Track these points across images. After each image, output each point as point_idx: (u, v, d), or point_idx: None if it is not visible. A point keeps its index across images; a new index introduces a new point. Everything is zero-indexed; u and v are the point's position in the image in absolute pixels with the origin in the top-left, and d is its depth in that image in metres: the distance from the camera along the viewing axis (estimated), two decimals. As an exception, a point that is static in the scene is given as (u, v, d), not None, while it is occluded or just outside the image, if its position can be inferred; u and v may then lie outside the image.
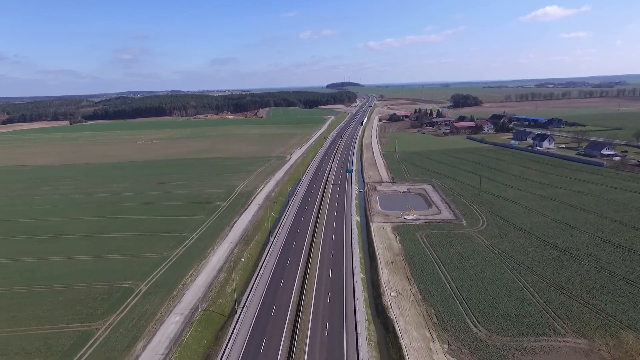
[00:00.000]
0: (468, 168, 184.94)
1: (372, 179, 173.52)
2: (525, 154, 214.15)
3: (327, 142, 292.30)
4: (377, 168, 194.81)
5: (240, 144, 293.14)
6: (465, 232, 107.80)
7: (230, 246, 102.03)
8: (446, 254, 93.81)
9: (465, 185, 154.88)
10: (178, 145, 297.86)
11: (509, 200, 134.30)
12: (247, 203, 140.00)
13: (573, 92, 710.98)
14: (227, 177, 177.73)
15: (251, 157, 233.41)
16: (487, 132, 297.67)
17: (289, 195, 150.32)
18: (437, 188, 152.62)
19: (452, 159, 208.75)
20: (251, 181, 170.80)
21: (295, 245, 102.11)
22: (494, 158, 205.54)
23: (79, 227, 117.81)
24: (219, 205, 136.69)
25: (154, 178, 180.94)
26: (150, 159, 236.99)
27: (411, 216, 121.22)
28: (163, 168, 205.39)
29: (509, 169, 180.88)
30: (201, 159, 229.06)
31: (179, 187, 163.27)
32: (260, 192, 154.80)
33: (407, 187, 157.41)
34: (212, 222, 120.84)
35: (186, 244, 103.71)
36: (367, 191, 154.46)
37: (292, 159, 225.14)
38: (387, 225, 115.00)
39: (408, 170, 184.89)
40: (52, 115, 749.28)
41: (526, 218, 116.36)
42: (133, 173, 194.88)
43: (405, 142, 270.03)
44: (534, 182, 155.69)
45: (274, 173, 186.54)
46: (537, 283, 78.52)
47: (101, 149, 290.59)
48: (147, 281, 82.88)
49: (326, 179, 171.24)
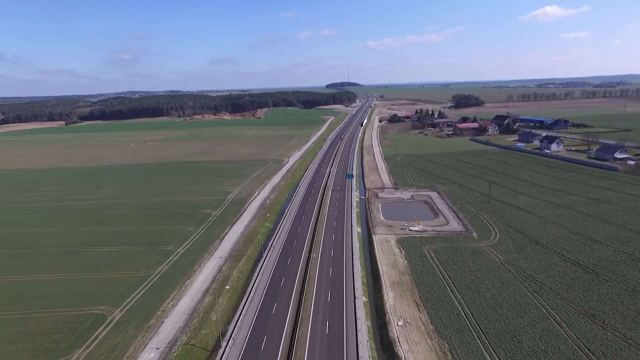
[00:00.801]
0: (474, 172, 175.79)
1: (374, 184, 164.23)
2: (533, 157, 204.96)
3: (326, 144, 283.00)
4: (379, 172, 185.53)
5: (236, 146, 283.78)
6: (476, 246, 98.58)
7: (219, 263, 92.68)
8: (458, 272, 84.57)
9: (473, 192, 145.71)
10: (172, 147, 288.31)
11: (520, 208, 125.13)
12: (240, 212, 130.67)
13: (576, 92, 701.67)
14: (221, 182, 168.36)
15: (247, 160, 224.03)
16: (492, 133, 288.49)
17: (285, 202, 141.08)
18: (443, 195, 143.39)
19: (456, 162, 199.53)
20: (246, 187, 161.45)
21: (290, 261, 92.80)
22: (500, 162, 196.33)
23: (56, 239, 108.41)
24: (210, 215, 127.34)
25: (144, 183, 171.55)
26: (142, 162, 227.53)
27: (417, 227, 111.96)
28: (154, 172, 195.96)
29: (517, 173, 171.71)
30: (195, 163, 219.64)
31: (168, 193, 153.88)
32: (254, 199, 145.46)
33: (411, 193, 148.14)
34: (201, 233, 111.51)
35: (171, 259, 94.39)
36: (369, 198, 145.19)
37: (290, 162, 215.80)
38: (391, 238, 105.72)
39: (411, 175, 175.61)
40: (47, 116, 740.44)
41: (542, 229, 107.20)
42: (122, 177, 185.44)
43: (407, 144, 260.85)
44: (546, 189, 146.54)
45: (270, 178, 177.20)
46: (563, 309, 69.27)
47: (93, 151, 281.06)
48: (123, 306, 73.51)
49: (325, 185, 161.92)
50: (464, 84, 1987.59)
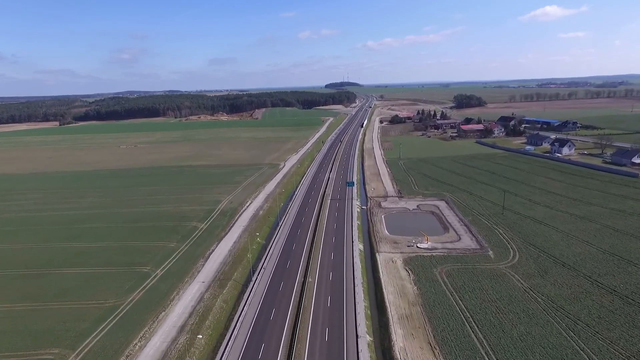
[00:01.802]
0: (483, 179, 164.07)
1: (376, 192, 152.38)
2: (544, 161, 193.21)
3: (325, 146, 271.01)
4: (381, 178, 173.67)
5: (230, 149, 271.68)
6: (494, 267, 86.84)
7: (201, 289, 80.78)
8: (476, 302, 72.81)
9: (484, 201, 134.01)
10: (164, 150, 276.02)
11: (538, 221, 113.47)
12: (229, 224, 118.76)
13: (579, 92, 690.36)
14: (211, 190, 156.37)
15: (241, 164, 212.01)
16: (497, 135, 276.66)
17: (279, 213, 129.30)
18: (452, 205, 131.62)
19: (463, 167, 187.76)
20: (238, 195, 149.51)
21: (283, 287, 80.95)
22: (510, 166, 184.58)
23: (19, 258, 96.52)
24: (196, 228, 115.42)
25: (128, 191, 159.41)
26: (129, 166, 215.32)
27: (425, 244, 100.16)
28: (141, 178, 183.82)
29: (530, 179, 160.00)
30: (186, 167, 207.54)
31: (153, 202, 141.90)
32: (246, 209, 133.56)
33: (416, 203, 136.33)
34: (184, 251, 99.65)
35: (146, 284, 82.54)
36: (371, 208, 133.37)
37: (286, 166, 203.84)
38: (397, 257, 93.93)
39: (416, 182, 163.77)
40: (42, 116, 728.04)
41: (565, 247, 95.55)
42: (106, 184, 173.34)
43: (410, 147, 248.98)
44: (563, 197, 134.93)
45: (264, 185, 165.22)
46: (607, 354, 57.56)
47: (80, 154, 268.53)
48: (80, 349, 61.67)
49: (323, 193, 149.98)
50: (463, 84, 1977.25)
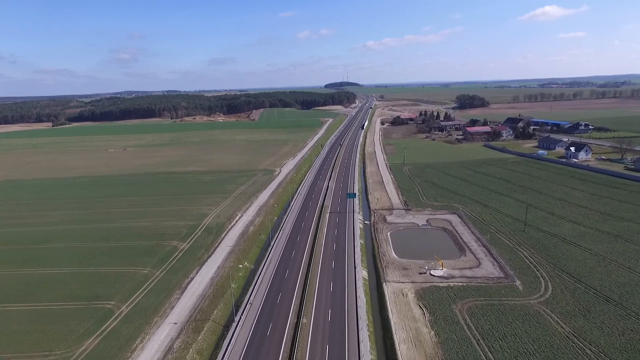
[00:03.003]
0: (497, 187, 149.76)
1: (380, 203, 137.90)
2: (560, 167, 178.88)
3: (324, 150, 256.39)
4: (385, 187, 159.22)
5: (224, 153, 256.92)
6: (525, 303, 72.53)
7: (172, 334, 66.27)
8: (510, 355, 58.51)
9: (501, 215, 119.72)
10: (153, 154, 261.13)
11: (566, 240, 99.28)
12: (214, 244, 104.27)
13: (585, 92, 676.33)
14: (198, 201, 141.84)
15: (233, 170, 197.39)
16: (506, 138, 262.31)
17: (272, 231, 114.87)
18: (466, 219, 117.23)
19: (474, 174, 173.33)
20: (227, 207, 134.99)
21: (271, 330, 66.48)
22: (525, 174, 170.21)
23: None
24: (176, 249, 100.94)
25: (106, 202, 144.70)
26: (113, 172, 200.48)
27: (440, 271, 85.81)
28: (123, 186, 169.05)
29: (548, 189, 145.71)
30: (173, 174, 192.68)
31: (132, 216, 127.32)
32: (235, 224, 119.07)
33: (425, 216, 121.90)
34: (158, 279, 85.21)
35: (106, 326, 68.09)
36: (375, 223, 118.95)
37: (282, 173, 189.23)
38: (407, 288, 79.53)
39: (423, 191, 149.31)
40: (35, 117, 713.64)
41: (605, 276, 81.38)
42: (83, 194, 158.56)
43: (415, 151, 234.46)
44: (589, 211, 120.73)
45: (257, 195, 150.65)
46: None
47: (64, 158, 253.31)
48: None
49: (322, 205, 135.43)
50: (463, 83, 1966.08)
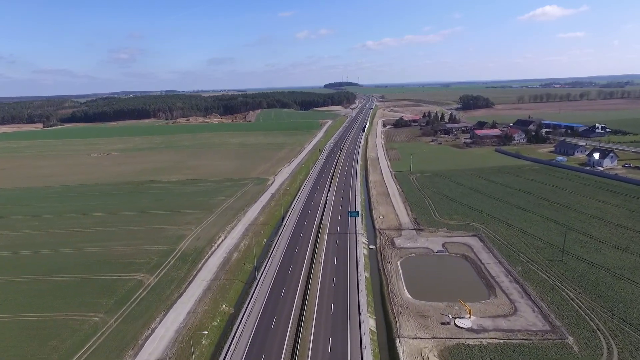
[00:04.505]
0: (518, 201, 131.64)
1: (386, 221, 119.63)
2: (585, 177, 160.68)
3: (323, 155, 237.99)
4: (391, 200, 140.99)
5: (214, 158, 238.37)
6: (588, 376, 54.29)
7: None
8: None
9: (530, 238, 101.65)
10: (138, 159, 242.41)
11: (616, 275, 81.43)
12: (188, 277, 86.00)
13: (592, 92, 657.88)
14: (177, 218, 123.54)
15: (222, 179, 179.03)
16: (518, 142, 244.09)
17: (260, 257, 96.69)
18: (489, 244, 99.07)
19: (489, 184, 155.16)
20: (209, 226, 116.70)
21: None
22: (547, 184, 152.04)
23: None
24: (140, 284, 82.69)
25: (71, 218, 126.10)
26: (90, 181, 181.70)
27: (467, 320, 67.65)
28: (96, 198, 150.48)
29: (577, 203, 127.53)
30: (155, 183, 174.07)
31: (96, 238, 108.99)
32: (216, 249, 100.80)
33: (441, 239, 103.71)
34: (109, 332, 66.92)
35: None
36: (382, 248, 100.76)
37: (276, 182, 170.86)
38: (428, 348, 61.36)
39: (435, 206, 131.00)
40: (26, 118, 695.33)
41: (682, 329, 63.13)
42: (48, 208, 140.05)
43: (421, 157, 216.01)
44: (633, 232, 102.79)
45: (245, 210, 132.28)
46: None
47: (40, 165, 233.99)
48: None
49: (319, 224, 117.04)
50: (464, 83, 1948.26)
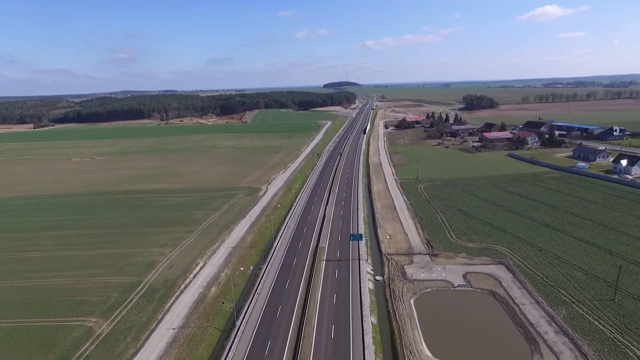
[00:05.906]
0: (544, 218, 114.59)
1: (395, 243, 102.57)
2: (614, 186, 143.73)
3: (321, 161, 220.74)
4: (398, 215, 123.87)
5: (204, 164, 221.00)
6: None
7: None
8: None
9: (567, 266, 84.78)
10: (122, 164, 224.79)
11: (689, 322, 64.12)
12: (150, 324, 68.84)
13: (599, 92, 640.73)
14: (151, 238, 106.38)
15: (210, 188, 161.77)
16: (532, 146, 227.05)
17: (243, 291, 79.75)
18: (520, 275, 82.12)
19: (508, 196, 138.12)
20: (187, 249, 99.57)
21: None
22: (572, 195, 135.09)
23: None
24: (90, 333, 65.60)
25: (30, 239, 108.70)
26: (63, 191, 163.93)
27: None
28: (64, 212, 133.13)
29: (614, 221, 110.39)
30: (134, 193, 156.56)
31: (50, 265, 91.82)
32: (192, 281, 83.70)
33: (460, 268, 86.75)
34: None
35: None
36: (390, 279, 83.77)
37: (269, 193, 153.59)
38: None
39: (449, 223, 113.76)
40: (18, 118, 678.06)
41: None
42: (10, 224, 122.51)
43: (428, 163, 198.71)
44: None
45: (231, 228, 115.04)
46: None
47: (15, 171, 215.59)
48: None
49: (315, 247, 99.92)
50: (464, 83, 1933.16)
